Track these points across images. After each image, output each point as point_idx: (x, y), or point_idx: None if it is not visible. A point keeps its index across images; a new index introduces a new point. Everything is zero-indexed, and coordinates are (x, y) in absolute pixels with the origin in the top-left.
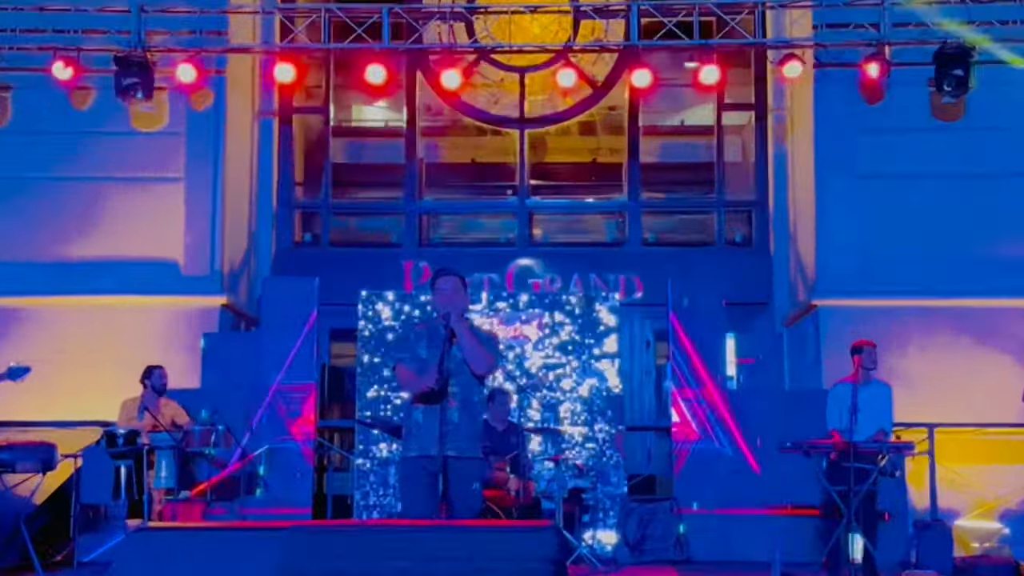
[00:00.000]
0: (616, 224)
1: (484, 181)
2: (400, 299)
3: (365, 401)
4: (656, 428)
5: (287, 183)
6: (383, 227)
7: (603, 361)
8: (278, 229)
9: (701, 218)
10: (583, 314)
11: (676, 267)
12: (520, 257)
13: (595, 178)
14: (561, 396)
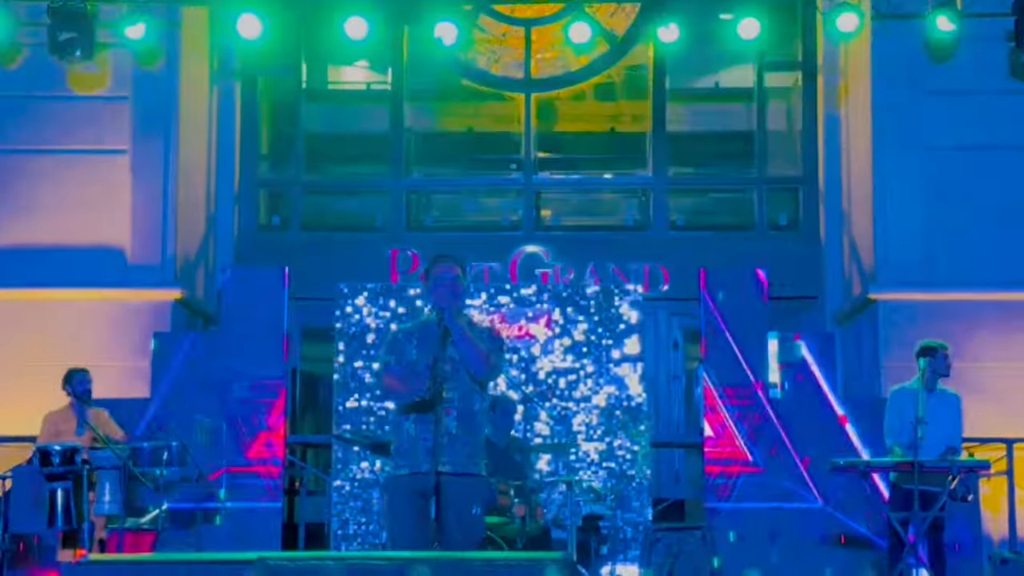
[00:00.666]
0: (638, 204)
1: (483, 154)
2: (384, 292)
3: (343, 413)
4: (686, 444)
5: (252, 157)
6: (364, 208)
7: (623, 365)
8: (241, 210)
9: (739, 197)
10: (600, 310)
11: (709, 255)
12: (526, 243)
13: (614, 151)
14: (574, 407)
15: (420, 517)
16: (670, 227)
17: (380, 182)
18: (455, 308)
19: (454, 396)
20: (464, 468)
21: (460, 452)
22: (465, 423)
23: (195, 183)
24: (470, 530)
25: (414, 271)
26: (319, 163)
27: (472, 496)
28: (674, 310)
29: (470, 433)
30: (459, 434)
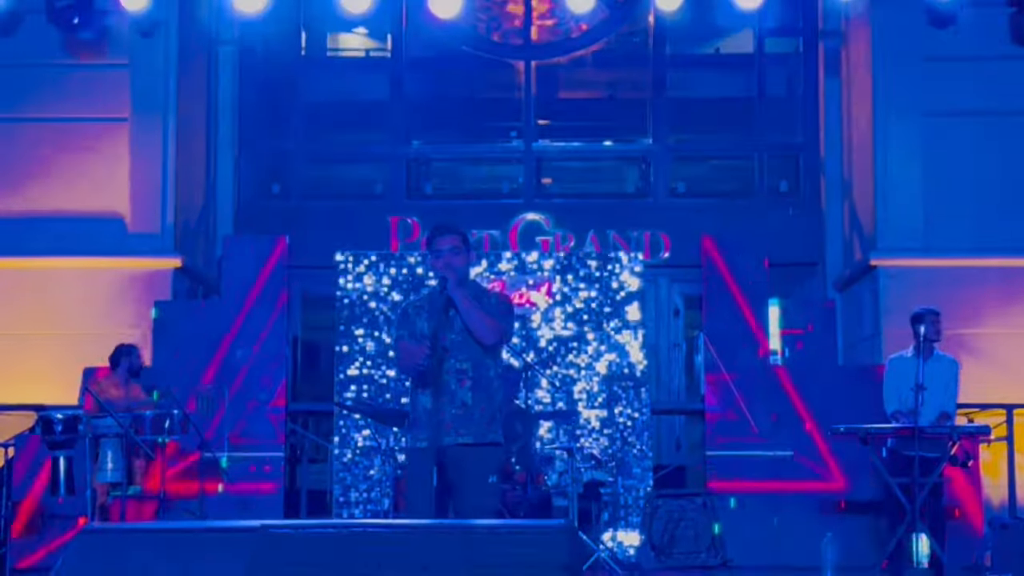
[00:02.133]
0: (639, 171)
1: (484, 121)
2: (384, 260)
3: (344, 381)
4: (687, 411)
5: (251, 124)
6: (364, 176)
7: (624, 333)
8: (241, 179)
9: (739, 164)
10: (601, 278)
11: (710, 222)
12: (526, 211)
13: (614, 118)
14: (575, 374)
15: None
16: (671, 194)
17: (380, 150)
18: (457, 276)
19: (467, 366)
20: (483, 437)
21: (477, 422)
22: (480, 392)
23: (194, 152)
24: (486, 498)
25: (414, 239)
26: (318, 131)
27: (489, 465)
28: (675, 277)
29: (486, 401)
30: (475, 404)
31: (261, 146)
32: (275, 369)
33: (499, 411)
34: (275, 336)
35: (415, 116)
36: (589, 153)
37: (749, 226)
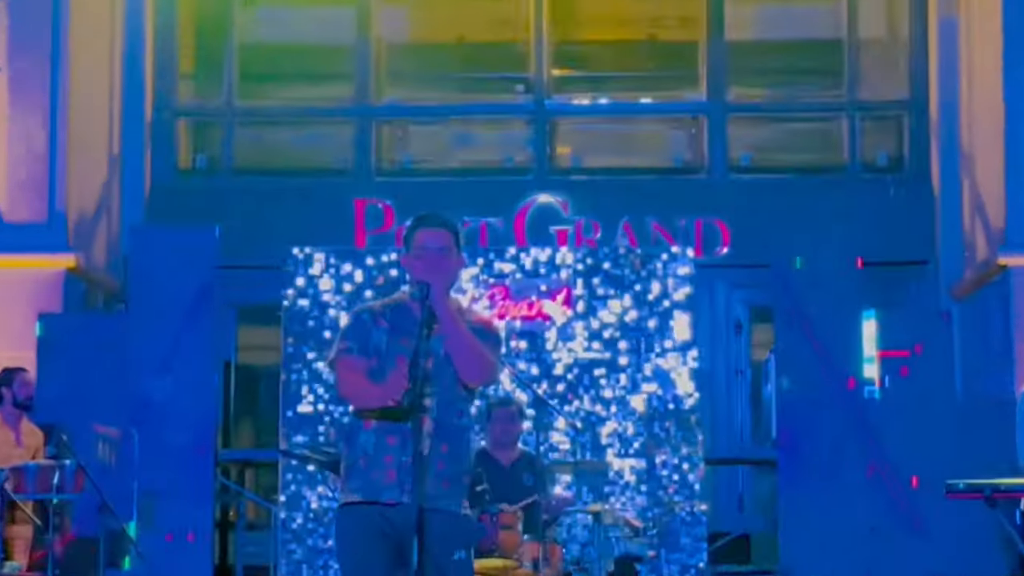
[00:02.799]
0: (688, 139)
1: (478, 71)
2: (346, 258)
3: (293, 420)
4: (753, 461)
5: (168, 78)
6: (320, 145)
7: (669, 356)
8: (155, 150)
9: (823, 129)
10: (637, 281)
11: (783, 206)
12: (537, 191)
13: (655, 66)
14: (603, 411)
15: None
16: (730, 168)
17: (341, 110)
18: (444, 284)
19: (432, 401)
20: (433, 501)
21: (433, 480)
22: (444, 438)
23: (93, 114)
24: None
25: (386, 229)
26: (258, 85)
27: (451, 536)
28: (737, 281)
29: (452, 452)
30: (432, 456)
31: (181, 105)
32: (201, 404)
33: (466, 474)
34: (201, 360)
35: (388, 64)
36: (621, 113)
37: (836, 212)
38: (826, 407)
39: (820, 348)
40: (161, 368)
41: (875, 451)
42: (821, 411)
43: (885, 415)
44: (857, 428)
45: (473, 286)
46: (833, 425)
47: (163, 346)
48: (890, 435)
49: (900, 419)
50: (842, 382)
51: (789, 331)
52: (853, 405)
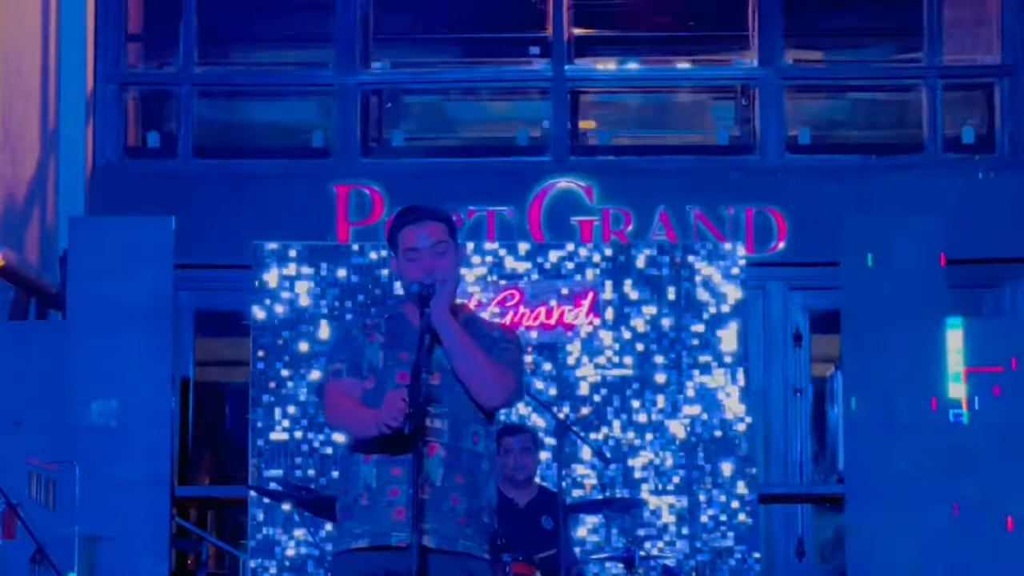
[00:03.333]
0: (735, 111)
1: (484, 31)
2: (326, 255)
3: (264, 449)
4: (815, 497)
5: (113, 38)
6: (295, 119)
7: (716, 372)
8: (98, 125)
9: (897, 99)
10: (676, 282)
11: (850, 192)
12: (556, 175)
13: (696, 24)
14: (637, 439)
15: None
16: (787, 147)
17: (320, 76)
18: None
19: (443, 425)
20: (449, 542)
21: (447, 517)
22: (458, 469)
23: (23, 82)
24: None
25: (374, 220)
26: (221, 47)
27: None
28: (795, 282)
29: (467, 487)
30: (446, 487)
31: (130, 71)
32: (154, 431)
33: (486, 510)
34: (154, 378)
35: (377, 22)
36: (656, 81)
37: (914, 199)
38: (903, 433)
39: (896, 363)
40: (106, 388)
41: (962, 485)
42: (897, 438)
43: (974, 442)
44: (940, 458)
45: (480, 289)
46: (911, 454)
47: (108, 361)
48: (980, 466)
49: (992, 447)
50: (922, 403)
51: (858, 342)
52: (935, 430)
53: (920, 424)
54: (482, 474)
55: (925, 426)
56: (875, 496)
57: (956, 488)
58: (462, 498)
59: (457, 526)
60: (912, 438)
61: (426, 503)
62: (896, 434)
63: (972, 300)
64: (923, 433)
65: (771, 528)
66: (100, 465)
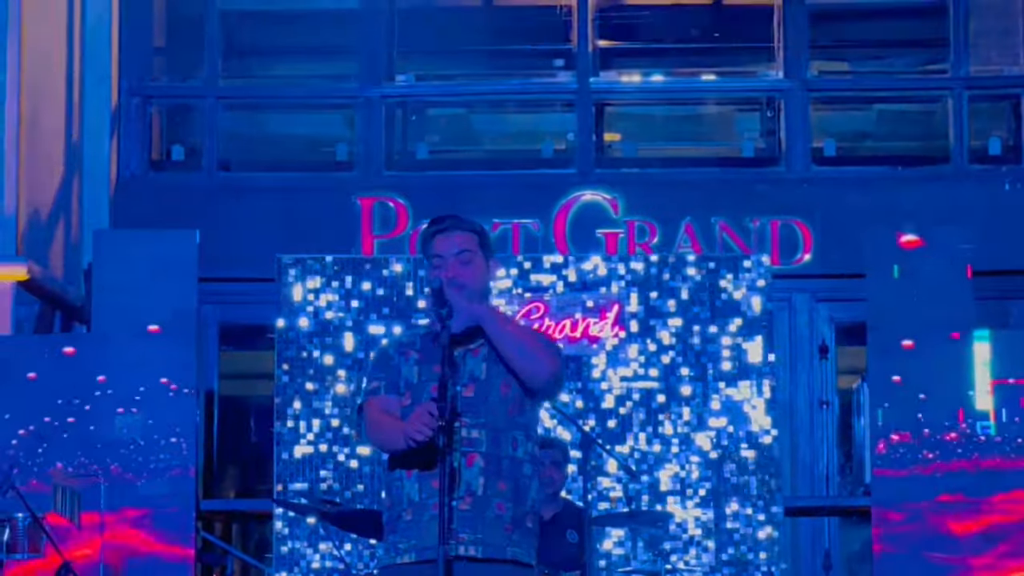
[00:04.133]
0: (761, 123)
1: (509, 43)
2: (351, 269)
3: (289, 463)
4: (841, 509)
5: (138, 50)
6: (319, 132)
7: (741, 384)
8: (122, 139)
9: (924, 111)
10: (702, 294)
11: (876, 203)
12: (581, 187)
13: (720, 35)
14: (662, 451)
15: None
16: (813, 159)
17: (344, 89)
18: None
19: (480, 436)
20: (500, 551)
21: (494, 525)
22: (500, 477)
23: (48, 96)
24: None
25: (399, 233)
26: (246, 60)
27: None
28: (821, 293)
29: (510, 493)
30: (490, 495)
31: (155, 85)
32: (178, 445)
33: (531, 513)
34: (178, 392)
35: (402, 35)
36: (681, 94)
37: (940, 211)
38: (929, 444)
39: (922, 375)
40: (130, 401)
41: (991, 499)
42: (923, 450)
43: (1002, 455)
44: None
45: (505, 301)
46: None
47: (132, 375)
48: (1008, 479)
49: (1019, 458)
50: (949, 415)
51: (884, 354)
52: (962, 443)
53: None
54: (525, 479)
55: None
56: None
57: (985, 499)
58: (507, 504)
59: (504, 533)
60: (941, 450)
61: (469, 514)
62: (925, 446)
63: (999, 312)
64: (950, 446)
65: (798, 541)
66: (125, 478)
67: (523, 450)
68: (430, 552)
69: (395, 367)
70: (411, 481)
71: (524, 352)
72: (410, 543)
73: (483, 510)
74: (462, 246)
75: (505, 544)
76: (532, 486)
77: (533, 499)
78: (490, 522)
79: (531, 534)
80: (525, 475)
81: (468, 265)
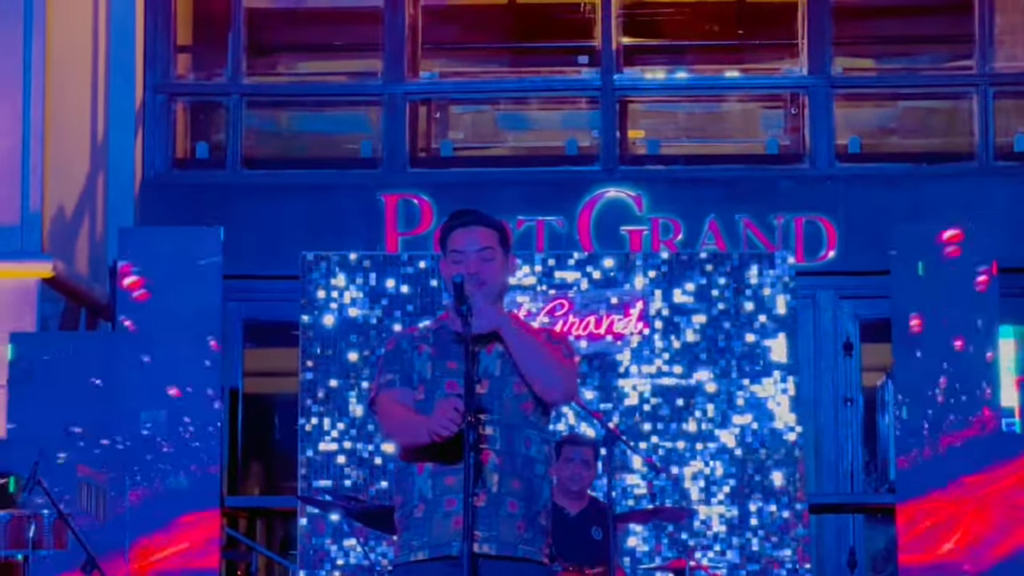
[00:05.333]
0: (784, 120)
1: (533, 40)
2: (376, 266)
3: (314, 460)
4: (866, 506)
5: (162, 48)
6: (343, 129)
7: (765, 381)
8: (147, 136)
9: (948, 107)
10: (726, 292)
11: (901, 201)
12: (605, 184)
13: (744, 32)
14: (686, 448)
15: None
16: (838, 157)
17: (368, 86)
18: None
19: (493, 433)
20: (510, 548)
21: (506, 523)
22: (514, 475)
23: (73, 93)
24: None
25: (424, 230)
26: (270, 58)
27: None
28: (846, 290)
29: (523, 492)
30: (503, 493)
31: (179, 83)
32: (203, 442)
33: (543, 513)
34: (203, 389)
35: (425, 33)
36: (704, 90)
37: (965, 207)
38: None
39: (947, 372)
40: (155, 398)
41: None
42: (948, 448)
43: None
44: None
45: (529, 299)
46: (963, 464)
47: (158, 372)
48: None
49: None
50: (975, 413)
51: (909, 351)
52: (987, 440)
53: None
54: (537, 478)
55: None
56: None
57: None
58: (519, 503)
59: (516, 531)
60: (966, 450)
61: (483, 511)
62: (950, 444)
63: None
64: (975, 443)
65: (822, 538)
66: (150, 474)
67: (536, 448)
68: (443, 549)
69: (408, 360)
70: (423, 478)
71: (540, 368)
72: (423, 540)
73: (496, 508)
74: (484, 243)
75: (517, 542)
76: (545, 485)
77: (546, 499)
78: (503, 520)
79: (543, 532)
80: (538, 474)
81: (490, 263)
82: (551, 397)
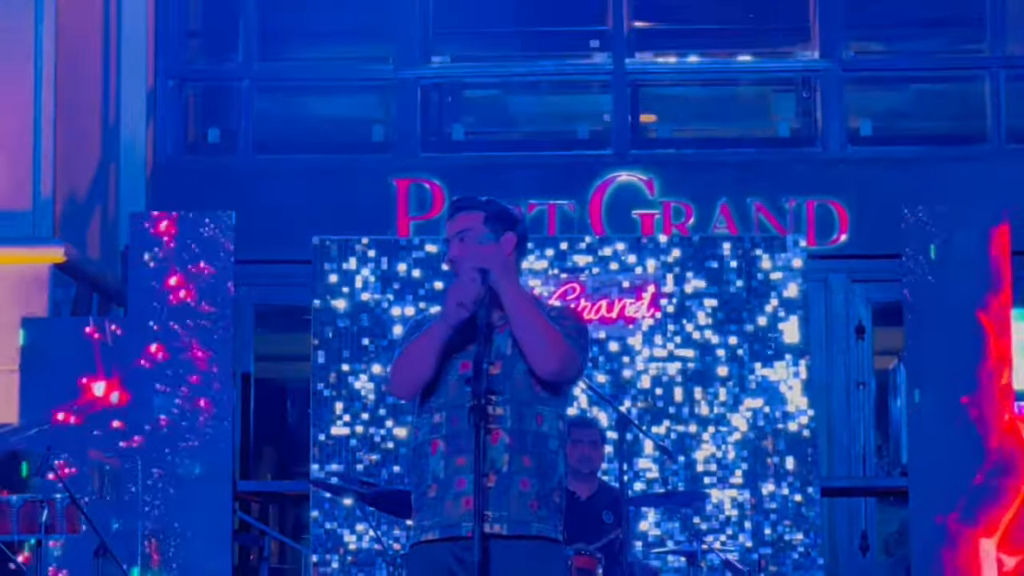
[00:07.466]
0: (796, 104)
1: (545, 24)
2: (388, 249)
3: (325, 444)
4: (878, 490)
5: (174, 33)
6: (355, 114)
7: (777, 365)
8: (159, 121)
9: (960, 90)
10: (738, 275)
11: (913, 184)
12: (616, 168)
13: (756, 17)
14: (698, 432)
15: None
16: (849, 140)
17: (380, 71)
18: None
19: (503, 413)
20: (523, 526)
21: (518, 502)
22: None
23: (84, 78)
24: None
25: (435, 215)
26: (281, 43)
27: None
28: (857, 274)
29: (534, 470)
30: (513, 471)
31: (191, 68)
32: (215, 427)
33: (557, 491)
34: (215, 373)
35: (437, 17)
36: (716, 75)
37: (977, 190)
38: (968, 425)
39: (960, 355)
40: (168, 382)
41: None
42: (961, 430)
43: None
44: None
45: (541, 282)
46: (977, 447)
47: (169, 357)
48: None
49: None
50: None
51: (922, 334)
52: None
53: None
54: (550, 454)
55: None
56: (939, 489)
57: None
58: (532, 480)
59: (529, 509)
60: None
61: (494, 491)
62: (960, 427)
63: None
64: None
65: (834, 522)
66: (161, 459)
67: (548, 425)
68: (454, 529)
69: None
70: (436, 459)
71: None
72: (434, 520)
73: (507, 487)
74: (460, 227)
75: (531, 520)
76: (558, 461)
77: (560, 475)
78: (515, 499)
79: (558, 509)
80: (551, 450)
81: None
82: (543, 370)
